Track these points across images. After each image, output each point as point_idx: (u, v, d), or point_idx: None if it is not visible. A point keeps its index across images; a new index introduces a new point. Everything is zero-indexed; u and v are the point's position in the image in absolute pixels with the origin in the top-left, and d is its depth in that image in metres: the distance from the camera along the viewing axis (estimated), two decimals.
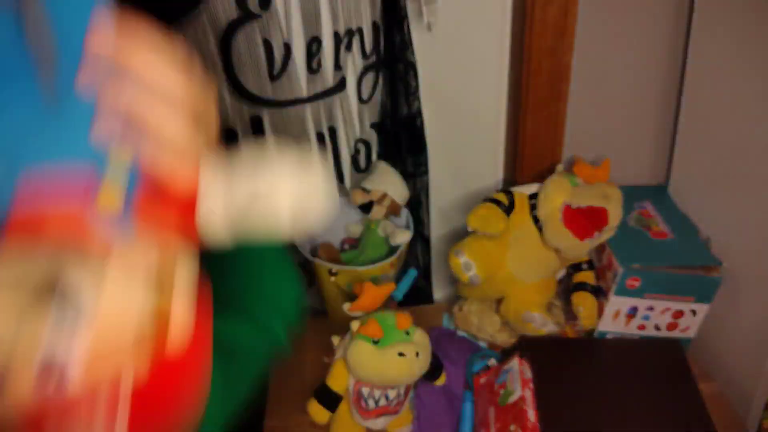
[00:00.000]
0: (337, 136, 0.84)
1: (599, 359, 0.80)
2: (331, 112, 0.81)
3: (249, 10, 0.70)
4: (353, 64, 0.79)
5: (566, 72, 0.80)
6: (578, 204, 0.76)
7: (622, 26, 0.80)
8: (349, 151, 0.86)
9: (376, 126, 0.86)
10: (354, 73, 0.80)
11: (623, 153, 0.88)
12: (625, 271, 0.76)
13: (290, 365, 0.87)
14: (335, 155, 0.85)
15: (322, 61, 0.76)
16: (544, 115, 0.83)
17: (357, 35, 0.77)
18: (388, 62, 0.81)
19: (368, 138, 0.86)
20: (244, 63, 0.73)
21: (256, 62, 0.73)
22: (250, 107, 0.76)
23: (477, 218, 0.77)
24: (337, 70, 0.78)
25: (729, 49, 0.73)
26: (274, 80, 0.75)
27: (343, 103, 0.81)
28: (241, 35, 0.71)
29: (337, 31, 0.75)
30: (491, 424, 0.70)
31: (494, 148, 0.90)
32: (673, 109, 0.86)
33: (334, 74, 0.78)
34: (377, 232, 0.88)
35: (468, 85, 0.84)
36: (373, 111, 0.85)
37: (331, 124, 0.82)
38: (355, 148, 0.86)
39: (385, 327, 0.67)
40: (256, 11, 0.70)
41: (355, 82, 0.81)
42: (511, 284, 0.81)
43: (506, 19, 0.81)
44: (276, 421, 0.78)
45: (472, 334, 0.86)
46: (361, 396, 0.69)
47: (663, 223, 0.82)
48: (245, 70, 0.73)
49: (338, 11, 0.74)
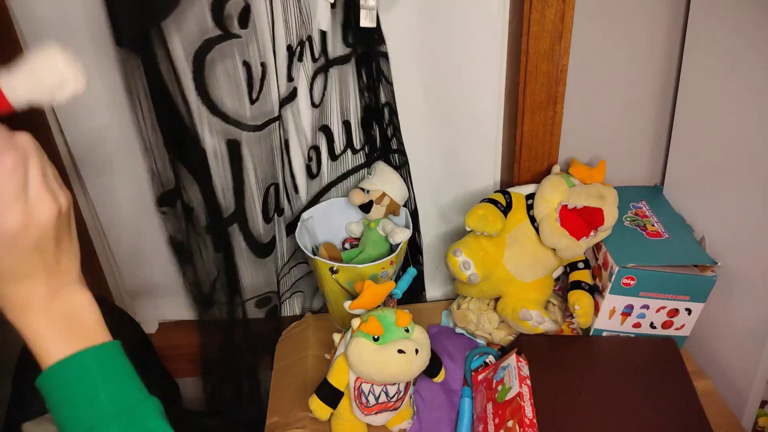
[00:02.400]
0: (289, 148, 0.85)
1: (595, 356, 0.81)
2: (287, 123, 0.83)
3: (228, 30, 0.70)
4: (305, 71, 0.81)
5: (563, 75, 0.82)
6: (574, 204, 0.77)
7: (618, 30, 0.82)
8: (304, 160, 0.87)
9: (324, 129, 0.87)
10: (306, 78, 0.81)
11: (619, 154, 0.90)
12: (621, 270, 0.77)
13: (292, 362, 0.89)
14: (290, 167, 0.87)
15: (277, 75, 0.78)
16: (541, 117, 0.84)
17: (307, 43, 0.79)
18: (364, 56, 0.82)
19: (318, 143, 0.88)
20: (220, 83, 0.73)
21: (235, 84, 0.74)
22: (224, 127, 0.77)
23: (475, 218, 0.78)
24: (289, 81, 0.80)
25: (723, 51, 0.75)
26: (253, 103, 0.76)
27: (294, 112, 0.83)
28: (217, 54, 0.72)
29: (290, 44, 0.77)
30: (489, 419, 0.71)
31: (492, 149, 0.92)
32: (668, 111, 0.87)
33: (287, 85, 0.80)
34: (377, 231, 0.89)
35: (466, 87, 0.86)
36: (322, 114, 0.86)
37: (285, 137, 0.84)
38: (308, 156, 0.88)
39: (385, 324, 0.68)
40: (235, 31, 0.71)
41: (306, 88, 0.82)
42: (508, 283, 0.83)
43: (504, 22, 0.82)
44: (277, 417, 0.79)
45: (471, 332, 0.87)
46: (361, 392, 0.70)
47: (658, 222, 0.84)
48: (221, 91, 0.74)
49: (291, 23, 0.75)
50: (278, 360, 0.91)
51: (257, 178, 0.83)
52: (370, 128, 0.88)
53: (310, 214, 0.91)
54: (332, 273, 0.83)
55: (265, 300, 0.93)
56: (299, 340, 0.93)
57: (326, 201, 0.93)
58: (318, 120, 0.86)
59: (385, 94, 0.83)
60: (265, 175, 0.83)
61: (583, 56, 0.82)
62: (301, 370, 0.86)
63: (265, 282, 0.91)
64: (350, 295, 0.82)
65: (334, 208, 0.93)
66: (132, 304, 1.02)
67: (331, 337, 0.77)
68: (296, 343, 0.93)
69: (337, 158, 0.90)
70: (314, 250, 0.90)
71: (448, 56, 0.84)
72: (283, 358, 0.91)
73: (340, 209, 0.94)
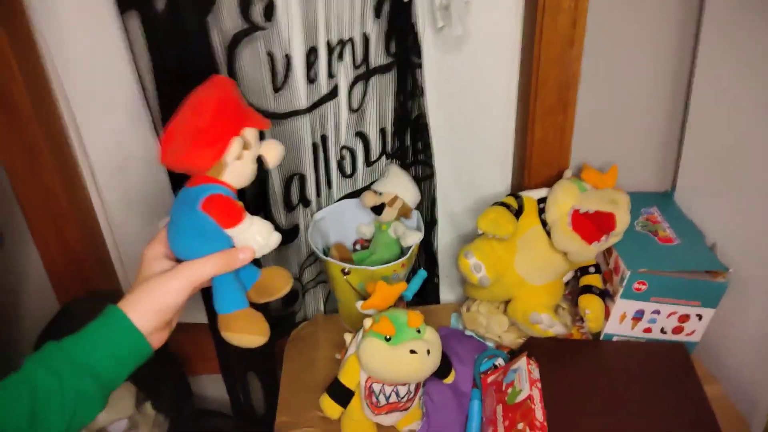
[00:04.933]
0: (327, 144, 0.86)
1: (605, 361, 0.81)
2: (325, 119, 0.84)
3: (253, 22, 0.72)
4: (345, 74, 0.82)
5: (574, 80, 0.82)
6: (586, 208, 0.77)
7: (630, 36, 0.82)
8: (336, 157, 0.89)
9: (361, 135, 0.88)
10: (346, 83, 0.83)
11: (630, 160, 0.90)
12: (632, 275, 0.77)
13: (303, 361, 0.89)
14: (325, 162, 0.88)
15: (317, 70, 0.79)
16: (552, 122, 0.85)
17: (348, 45, 0.80)
18: (400, 65, 0.84)
19: (351, 145, 0.89)
20: (246, 75, 0.75)
21: (259, 75, 0.75)
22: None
23: (487, 221, 0.79)
24: (330, 77, 0.81)
25: (736, 57, 0.75)
26: (277, 92, 0.78)
27: (334, 110, 0.84)
28: (246, 47, 0.73)
29: (330, 41, 0.78)
30: (499, 421, 0.72)
31: (503, 154, 0.92)
32: (679, 117, 0.88)
33: (328, 82, 0.81)
34: (388, 233, 0.90)
35: (478, 93, 0.87)
36: (360, 120, 0.87)
37: (323, 133, 0.85)
38: (341, 155, 0.89)
39: (397, 325, 0.68)
40: (260, 23, 0.72)
41: (346, 92, 0.83)
42: (519, 286, 0.83)
43: (516, 28, 0.83)
44: (287, 416, 0.80)
45: (480, 334, 0.87)
46: (372, 392, 0.71)
47: (669, 228, 0.84)
48: (247, 83, 0.76)
49: (331, 22, 0.77)
50: (288, 360, 0.92)
51: (279, 167, 0.84)
52: (404, 138, 0.89)
53: (322, 214, 0.92)
54: (344, 274, 0.83)
55: None
56: (309, 341, 0.93)
57: (338, 202, 0.94)
58: (355, 125, 0.87)
59: (418, 105, 0.84)
60: (288, 164, 0.84)
61: (595, 62, 0.82)
62: (310, 370, 0.87)
63: (285, 267, 0.92)
64: (361, 296, 0.83)
65: (346, 210, 0.94)
66: None
67: (342, 338, 0.77)
68: (306, 343, 0.93)
69: (372, 164, 0.91)
70: (326, 251, 0.91)
71: (460, 62, 0.84)
72: (292, 358, 0.92)
73: (352, 211, 0.94)
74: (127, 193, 0.90)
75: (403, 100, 0.86)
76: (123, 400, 0.78)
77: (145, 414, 0.81)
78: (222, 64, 0.73)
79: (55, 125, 0.83)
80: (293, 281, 0.64)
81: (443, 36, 0.81)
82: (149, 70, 0.70)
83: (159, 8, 0.67)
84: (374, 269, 0.82)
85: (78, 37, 0.78)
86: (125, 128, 0.85)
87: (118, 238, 0.95)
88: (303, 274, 0.96)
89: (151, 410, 0.81)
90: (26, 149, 0.80)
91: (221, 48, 0.72)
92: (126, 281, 1.00)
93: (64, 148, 0.85)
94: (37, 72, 0.79)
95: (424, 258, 0.98)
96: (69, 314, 0.80)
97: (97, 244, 0.94)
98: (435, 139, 0.89)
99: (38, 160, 0.81)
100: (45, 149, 0.80)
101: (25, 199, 0.84)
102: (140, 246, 0.96)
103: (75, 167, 0.88)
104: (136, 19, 0.68)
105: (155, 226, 0.61)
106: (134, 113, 0.83)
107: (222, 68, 0.74)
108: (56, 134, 0.83)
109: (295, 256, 0.93)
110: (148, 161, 0.87)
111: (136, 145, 0.86)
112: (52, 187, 0.83)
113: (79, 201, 0.89)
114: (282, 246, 0.90)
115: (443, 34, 0.80)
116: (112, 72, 0.80)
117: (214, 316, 0.60)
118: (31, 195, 0.83)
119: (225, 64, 0.73)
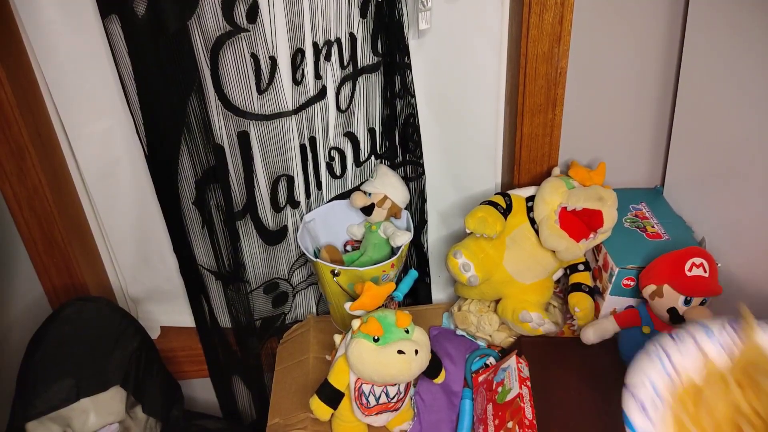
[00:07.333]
0: (316, 145, 0.86)
1: (595, 358, 0.81)
2: (312, 121, 0.84)
3: (236, 24, 0.72)
4: (332, 75, 0.82)
5: (562, 77, 0.82)
6: (574, 206, 0.77)
7: (617, 32, 0.82)
8: (325, 159, 0.88)
9: (350, 135, 0.88)
10: (333, 83, 0.82)
11: (618, 156, 0.90)
12: (621, 271, 0.77)
13: (294, 363, 0.89)
14: (315, 163, 0.88)
15: (305, 72, 0.79)
16: (540, 119, 0.85)
17: (335, 45, 0.79)
18: (388, 65, 0.83)
19: (340, 146, 0.88)
20: (230, 77, 0.75)
21: (243, 76, 0.75)
22: (237, 122, 0.78)
23: (475, 220, 0.78)
24: (317, 79, 0.80)
25: (722, 53, 0.75)
26: (261, 94, 0.77)
27: (322, 111, 0.84)
28: (229, 49, 0.73)
29: (316, 41, 0.77)
30: (489, 420, 0.72)
31: (493, 152, 0.92)
32: (667, 113, 0.88)
33: (315, 83, 0.81)
34: (378, 233, 0.90)
35: (466, 91, 0.86)
36: (349, 120, 0.87)
37: (311, 134, 0.85)
38: (330, 156, 0.88)
39: (385, 325, 0.68)
40: (243, 25, 0.72)
41: (334, 93, 0.83)
42: (508, 285, 0.83)
43: (503, 25, 0.83)
44: (279, 419, 0.80)
45: (471, 334, 0.87)
46: (362, 393, 0.71)
47: (658, 224, 0.84)
48: (232, 84, 0.75)
49: (317, 22, 0.76)
50: (279, 362, 0.92)
51: (265, 168, 0.84)
52: (393, 137, 0.89)
53: (311, 216, 0.92)
54: (334, 276, 0.83)
55: (273, 286, 0.94)
56: (300, 342, 0.93)
57: (328, 203, 0.94)
58: (344, 125, 0.87)
59: (408, 105, 0.84)
60: (274, 165, 0.84)
61: (582, 58, 0.82)
62: (302, 371, 0.87)
63: (274, 269, 0.92)
64: (351, 297, 0.83)
65: (336, 211, 0.94)
66: (135, 309, 1.03)
67: (332, 338, 0.77)
68: (297, 344, 0.93)
69: (362, 164, 0.91)
70: (316, 252, 0.91)
71: (447, 60, 0.84)
72: (284, 359, 0.92)
73: (342, 212, 0.94)
74: (115, 196, 0.90)
75: (391, 100, 0.86)
76: (114, 404, 0.78)
77: (135, 418, 0.80)
78: (205, 67, 0.73)
79: (42, 128, 0.83)
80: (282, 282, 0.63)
81: (429, 34, 0.81)
82: (129, 74, 0.70)
83: (140, 12, 0.67)
84: (363, 270, 0.82)
85: (65, 40, 0.78)
86: (113, 131, 0.85)
87: (108, 239, 0.95)
88: (292, 276, 0.96)
89: (142, 414, 0.81)
90: (13, 153, 0.80)
91: (204, 51, 0.72)
92: (117, 283, 0.99)
93: (52, 150, 0.85)
94: (24, 75, 0.79)
95: (415, 258, 0.98)
96: (60, 319, 0.79)
97: (87, 245, 0.94)
98: (424, 138, 0.89)
99: (26, 163, 0.81)
100: (32, 152, 0.80)
101: (13, 202, 0.84)
102: (129, 246, 0.96)
103: (63, 169, 0.88)
104: (117, 23, 0.68)
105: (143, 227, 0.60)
106: (121, 117, 0.83)
107: (204, 71, 0.73)
108: (44, 137, 0.83)
109: (284, 257, 0.93)
110: (134, 164, 0.87)
111: (123, 149, 0.86)
112: (40, 189, 0.83)
113: (67, 202, 0.89)
114: (270, 247, 0.90)
115: (428, 32, 0.80)
116: (98, 75, 0.79)
117: (201, 319, 0.60)
118: (19, 197, 0.84)
119: (208, 68, 0.73)
